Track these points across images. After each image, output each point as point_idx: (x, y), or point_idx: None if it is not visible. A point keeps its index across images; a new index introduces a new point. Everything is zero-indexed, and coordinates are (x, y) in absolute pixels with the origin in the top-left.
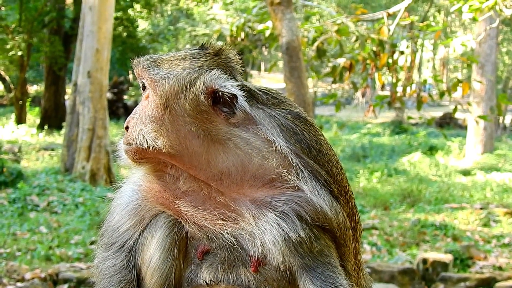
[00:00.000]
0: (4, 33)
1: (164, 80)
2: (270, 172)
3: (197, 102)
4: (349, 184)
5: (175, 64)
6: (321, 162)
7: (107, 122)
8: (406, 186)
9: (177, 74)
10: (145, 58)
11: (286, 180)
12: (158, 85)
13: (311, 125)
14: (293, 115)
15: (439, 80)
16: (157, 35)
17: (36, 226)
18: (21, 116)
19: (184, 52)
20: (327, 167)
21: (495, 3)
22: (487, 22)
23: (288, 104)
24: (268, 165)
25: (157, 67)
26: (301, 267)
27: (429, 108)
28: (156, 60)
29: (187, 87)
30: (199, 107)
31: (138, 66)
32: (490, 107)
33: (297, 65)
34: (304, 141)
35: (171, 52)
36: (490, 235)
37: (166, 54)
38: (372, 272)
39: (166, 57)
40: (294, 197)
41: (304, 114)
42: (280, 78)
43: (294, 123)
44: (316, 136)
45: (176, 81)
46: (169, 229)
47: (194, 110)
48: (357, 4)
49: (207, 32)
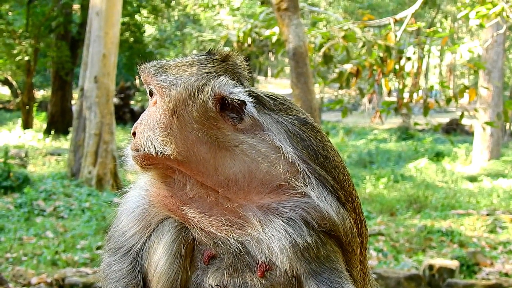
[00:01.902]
0: (11, 38)
1: (172, 87)
2: (277, 178)
3: (205, 108)
4: (355, 190)
5: (182, 70)
6: (328, 168)
7: (114, 127)
8: (412, 192)
9: (185, 81)
10: (152, 64)
11: (293, 186)
12: (166, 91)
13: (318, 131)
14: (300, 121)
15: (445, 86)
16: (164, 41)
17: (42, 231)
18: (28, 121)
19: (191, 58)
20: (333, 173)
21: (502, 9)
22: (494, 28)
23: (295, 109)
24: (275, 172)
25: (165, 73)
26: (307, 272)
27: (435, 114)
28: (164, 66)
29: (195, 94)
30: (207, 113)
31: (145, 72)
32: (497, 114)
33: (303, 71)
34: (311, 147)
35: (178, 58)
36: (496, 242)
37: (173, 60)
38: (378, 278)
39: (173, 63)
40: (301, 203)
41: (311, 120)
42: (287, 84)
43: (301, 129)
44: (323, 142)
45: (184, 87)
46: (175, 234)
47: (202, 117)
48: (364, 10)
49: (214, 37)
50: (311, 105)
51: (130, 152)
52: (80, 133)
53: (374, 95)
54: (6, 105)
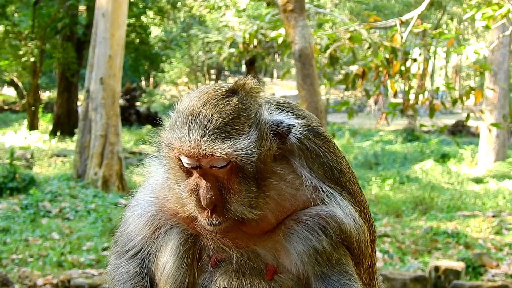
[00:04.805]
0: (17, 39)
1: (244, 147)
2: (300, 202)
3: (274, 151)
4: (365, 199)
5: (236, 125)
6: (344, 182)
7: (120, 128)
8: (418, 194)
9: (249, 136)
10: (210, 138)
11: (314, 204)
12: (242, 155)
13: (329, 142)
14: (313, 132)
15: (451, 88)
16: (170, 42)
17: (48, 232)
18: (34, 122)
19: (230, 107)
20: (348, 187)
21: (508, 11)
22: (500, 30)
23: (305, 116)
24: (298, 195)
25: (227, 139)
26: (318, 275)
27: (441, 116)
28: (218, 133)
29: (263, 145)
30: (273, 151)
31: (197, 148)
32: (503, 115)
33: (309, 72)
34: (327, 163)
35: (213, 114)
36: (502, 243)
37: (220, 119)
38: (384, 280)
39: (222, 124)
40: (320, 212)
41: (321, 129)
42: (293, 85)
43: (315, 143)
44: (335, 154)
45: (251, 142)
46: (183, 237)
47: (271, 157)
48: (370, 11)
49: (219, 39)
50: (317, 106)
51: (214, 225)
52: (86, 135)
53: (380, 96)
54: (12, 106)
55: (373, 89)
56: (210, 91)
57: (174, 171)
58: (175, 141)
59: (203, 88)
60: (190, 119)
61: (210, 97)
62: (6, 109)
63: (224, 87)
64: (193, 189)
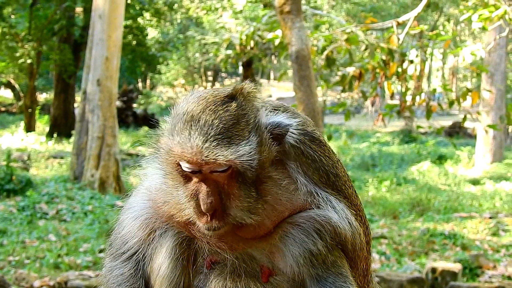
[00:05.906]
0: (14, 41)
1: (246, 155)
2: (296, 206)
3: (272, 155)
4: (360, 201)
5: (236, 130)
6: (339, 186)
7: (117, 130)
8: (415, 195)
9: (249, 141)
10: (211, 145)
11: (310, 208)
12: (243, 161)
13: (324, 146)
14: (309, 137)
15: (448, 89)
16: (167, 44)
17: (45, 234)
18: (31, 124)
19: (229, 113)
20: (344, 190)
21: (505, 12)
22: (497, 31)
23: (300, 119)
24: (294, 199)
25: (228, 145)
26: (313, 277)
27: (438, 117)
28: (219, 139)
29: (262, 149)
30: (273, 154)
31: (212, 156)
32: (500, 116)
33: (306, 74)
34: (322, 168)
35: (213, 120)
36: (499, 245)
37: (221, 124)
38: (381, 281)
39: (223, 130)
40: (315, 215)
41: (317, 133)
42: (290, 87)
43: (311, 148)
44: (331, 158)
45: (252, 147)
46: (178, 239)
47: (271, 161)
48: (367, 13)
49: (216, 40)
50: (314, 108)
51: (213, 229)
52: (83, 136)
53: (377, 98)
54: (9, 108)
55: (370, 90)
56: (209, 96)
57: (172, 176)
58: (176, 147)
59: (200, 93)
60: (190, 125)
61: (209, 102)
62: (3, 111)
63: (222, 92)
64: (192, 194)
